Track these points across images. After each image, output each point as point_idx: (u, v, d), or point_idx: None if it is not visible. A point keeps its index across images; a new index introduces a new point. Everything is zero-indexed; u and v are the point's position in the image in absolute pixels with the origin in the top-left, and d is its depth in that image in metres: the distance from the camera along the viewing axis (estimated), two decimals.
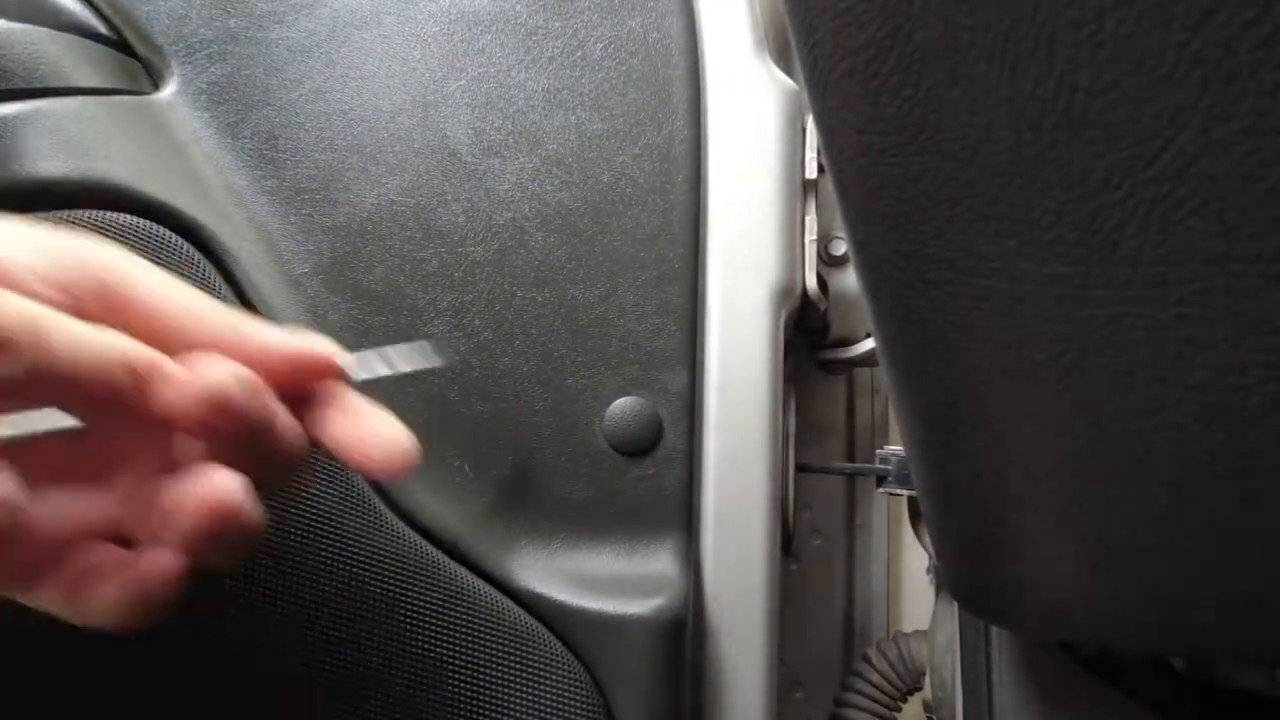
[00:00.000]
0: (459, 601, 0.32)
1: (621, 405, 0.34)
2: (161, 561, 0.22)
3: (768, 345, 0.37)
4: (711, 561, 0.35)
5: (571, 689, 0.31)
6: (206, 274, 0.33)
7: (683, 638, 0.32)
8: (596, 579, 0.33)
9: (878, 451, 0.41)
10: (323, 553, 0.31)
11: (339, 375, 0.25)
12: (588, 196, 0.36)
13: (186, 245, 0.33)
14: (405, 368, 0.27)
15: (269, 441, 0.23)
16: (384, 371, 0.27)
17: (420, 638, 0.31)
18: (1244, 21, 0.13)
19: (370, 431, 0.24)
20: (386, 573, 0.31)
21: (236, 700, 0.31)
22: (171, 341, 0.22)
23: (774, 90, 0.39)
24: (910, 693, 0.48)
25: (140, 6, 0.36)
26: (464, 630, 0.31)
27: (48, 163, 0.32)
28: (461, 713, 0.31)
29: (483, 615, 0.32)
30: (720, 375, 0.36)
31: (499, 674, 0.31)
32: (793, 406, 0.42)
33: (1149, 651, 0.31)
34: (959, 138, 0.16)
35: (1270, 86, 0.14)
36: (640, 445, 0.34)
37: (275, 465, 0.23)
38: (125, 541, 0.23)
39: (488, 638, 0.31)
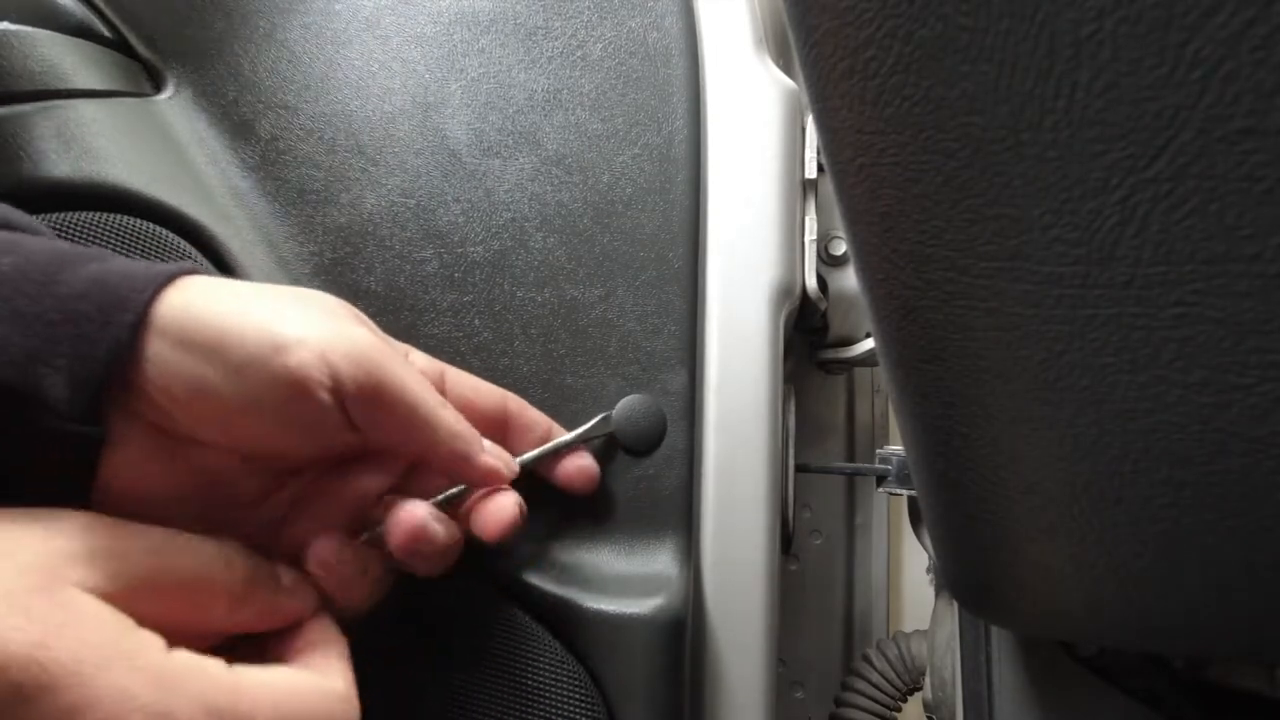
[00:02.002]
0: (459, 601, 0.32)
1: (629, 403, 0.34)
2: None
3: (767, 345, 0.37)
4: (711, 561, 0.35)
5: (571, 689, 0.31)
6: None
7: (683, 638, 0.32)
8: (596, 579, 0.33)
9: (878, 451, 0.41)
10: None
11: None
12: (588, 196, 0.36)
13: (188, 246, 0.34)
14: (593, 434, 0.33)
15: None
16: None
17: (420, 638, 0.31)
18: (1244, 21, 0.13)
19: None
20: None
21: None
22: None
23: (774, 90, 0.39)
24: (910, 693, 0.48)
25: (142, 9, 0.36)
26: (464, 630, 0.31)
27: (50, 164, 0.32)
28: (461, 712, 0.31)
29: (483, 615, 0.32)
30: (720, 375, 0.36)
31: (499, 673, 0.31)
32: (792, 406, 0.42)
33: (1148, 651, 0.31)
34: (959, 138, 0.16)
35: (1270, 86, 0.14)
36: (644, 444, 0.34)
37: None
38: None
39: (488, 637, 0.31)
